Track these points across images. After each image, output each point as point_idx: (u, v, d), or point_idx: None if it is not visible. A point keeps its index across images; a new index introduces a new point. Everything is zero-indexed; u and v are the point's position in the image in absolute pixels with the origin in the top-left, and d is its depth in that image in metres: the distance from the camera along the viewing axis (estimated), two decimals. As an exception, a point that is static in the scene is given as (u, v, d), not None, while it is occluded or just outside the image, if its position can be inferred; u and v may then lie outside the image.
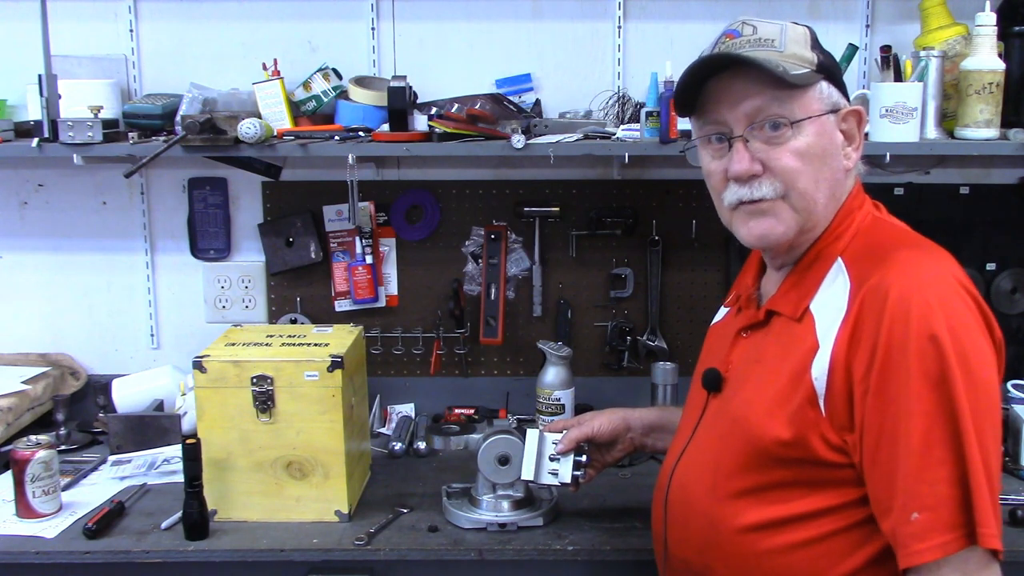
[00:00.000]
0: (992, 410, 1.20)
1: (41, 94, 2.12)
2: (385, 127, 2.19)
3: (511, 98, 2.33)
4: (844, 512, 1.27)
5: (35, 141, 2.11)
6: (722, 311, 1.61)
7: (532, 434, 1.82)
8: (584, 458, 1.77)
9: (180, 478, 1.84)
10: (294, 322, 2.48)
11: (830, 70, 1.35)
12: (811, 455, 1.27)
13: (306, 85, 2.29)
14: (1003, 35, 2.11)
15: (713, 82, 1.32)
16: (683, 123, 2.08)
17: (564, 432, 1.79)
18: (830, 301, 1.29)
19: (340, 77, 2.33)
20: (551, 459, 1.79)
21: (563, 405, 2.14)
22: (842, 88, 1.36)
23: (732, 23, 1.35)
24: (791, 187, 1.32)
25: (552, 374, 2.17)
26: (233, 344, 1.96)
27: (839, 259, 1.32)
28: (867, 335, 1.21)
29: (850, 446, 1.24)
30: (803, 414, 1.26)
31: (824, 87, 1.33)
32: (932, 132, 2.12)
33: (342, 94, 2.30)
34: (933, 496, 1.15)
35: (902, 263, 1.24)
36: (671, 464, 1.49)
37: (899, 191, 2.38)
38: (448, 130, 2.10)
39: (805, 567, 1.29)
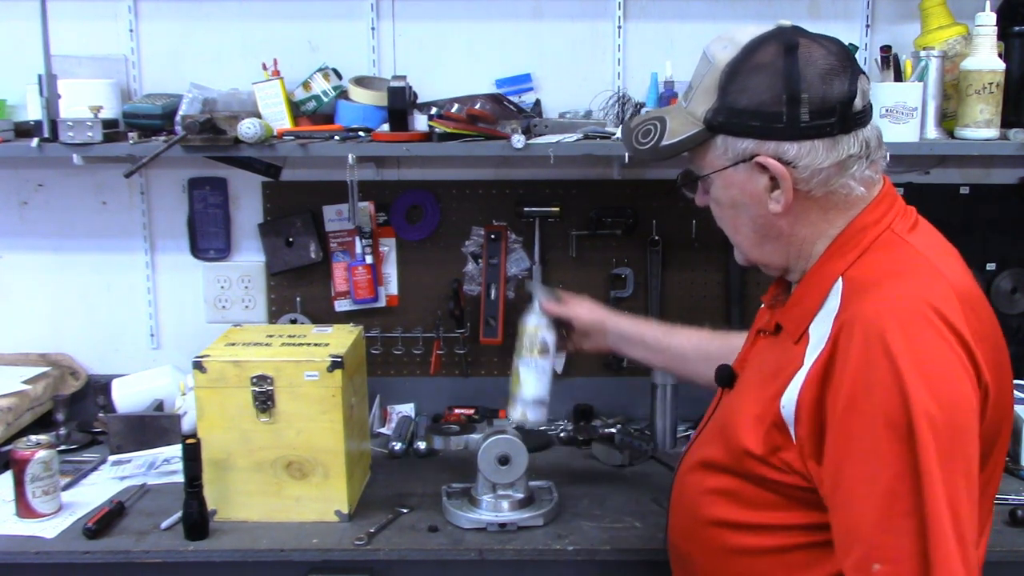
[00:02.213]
0: (964, 457, 1.14)
1: (41, 94, 2.12)
2: (385, 127, 2.19)
3: (511, 98, 2.33)
4: (811, 531, 1.26)
5: (35, 141, 2.11)
6: None
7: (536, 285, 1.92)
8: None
9: (180, 478, 1.84)
10: (294, 322, 2.48)
11: (729, 122, 1.28)
12: (779, 477, 1.27)
13: (306, 85, 2.29)
14: (1003, 35, 2.11)
15: None
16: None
17: (555, 296, 1.90)
18: (821, 326, 1.26)
19: (340, 77, 2.32)
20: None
21: (547, 347, 1.92)
22: (766, 132, 1.26)
23: (711, 42, 1.34)
24: (721, 227, 1.43)
25: (538, 315, 1.94)
26: (233, 344, 1.96)
27: (840, 278, 1.27)
28: (837, 370, 1.18)
29: (816, 478, 1.22)
30: (772, 436, 1.26)
31: (720, 142, 1.30)
32: (932, 132, 2.12)
33: (342, 94, 2.30)
34: (896, 549, 1.12)
35: (881, 295, 1.20)
36: (686, 449, 1.52)
37: (899, 191, 2.36)
38: (448, 130, 2.10)
39: (767, 571, 1.31)
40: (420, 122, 2.19)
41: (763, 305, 1.58)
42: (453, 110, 2.16)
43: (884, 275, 1.24)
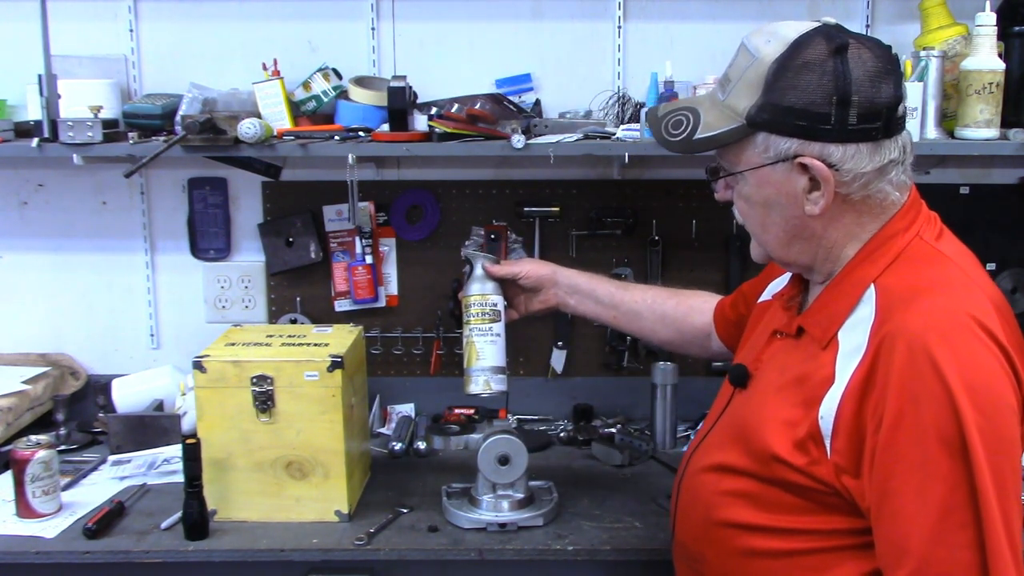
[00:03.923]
0: (1013, 468, 1.14)
1: (41, 94, 2.12)
2: (385, 127, 2.19)
3: (511, 98, 2.32)
4: (833, 536, 1.27)
5: (35, 141, 2.11)
6: (773, 288, 1.56)
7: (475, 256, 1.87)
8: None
9: (180, 478, 1.84)
10: (294, 322, 2.48)
11: (774, 120, 1.25)
12: (809, 483, 1.26)
13: (306, 85, 2.29)
14: (1003, 35, 2.10)
15: None
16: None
17: (495, 259, 1.87)
18: (854, 333, 1.25)
19: (340, 77, 2.32)
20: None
21: (499, 312, 1.85)
22: (812, 133, 1.24)
23: (750, 35, 1.31)
24: (746, 224, 1.39)
25: (484, 280, 1.86)
26: (233, 344, 1.96)
27: (872, 286, 1.26)
28: (879, 384, 1.17)
29: (854, 492, 1.22)
30: (807, 447, 1.25)
31: (761, 139, 1.27)
32: (932, 132, 2.12)
33: (342, 94, 2.30)
34: (952, 561, 1.13)
35: (922, 308, 1.19)
36: (692, 449, 1.50)
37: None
38: (448, 130, 2.10)
39: (783, 574, 1.31)
40: (420, 122, 2.19)
41: (763, 300, 1.57)
42: (453, 110, 2.16)
43: (922, 286, 1.22)
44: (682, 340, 1.86)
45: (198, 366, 1.85)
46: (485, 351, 1.82)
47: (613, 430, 2.32)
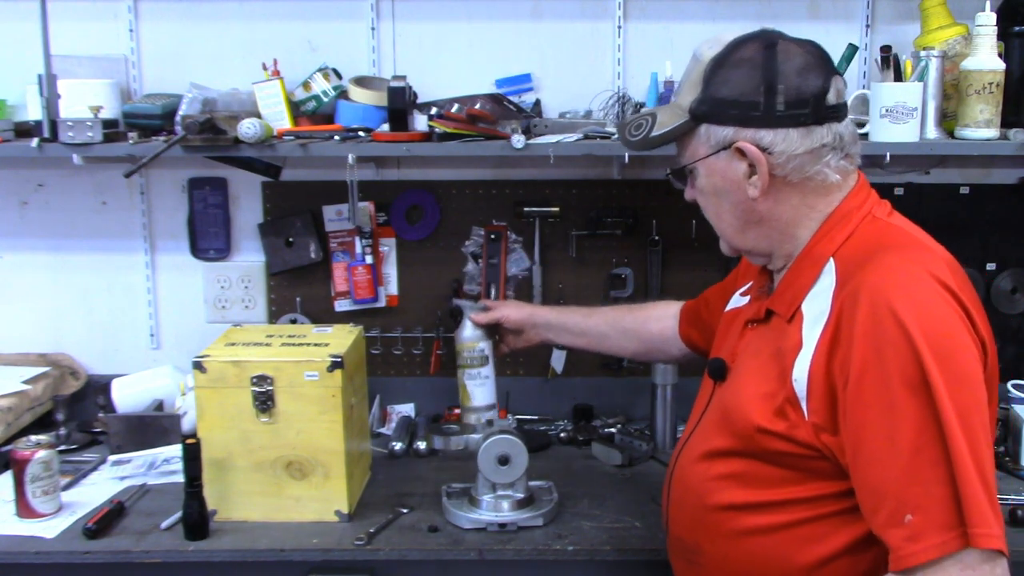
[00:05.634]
0: (977, 405, 1.20)
1: (41, 94, 2.12)
2: (385, 127, 2.19)
3: (511, 98, 2.33)
4: (823, 502, 1.32)
5: (35, 141, 2.11)
6: (738, 299, 1.63)
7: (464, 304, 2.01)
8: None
9: (180, 478, 1.84)
10: (294, 322, 2.48)
11: (712, 111, 1.36)
12: (793, 449, 1.31)
13: (306, 85, 2.29)
14: (1003, 35, 2.10)
15: None
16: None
17: (481, 306, 2.01)
18: (817, 301, 1.32)
19: (340, 77, 2.33)
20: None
21: (487, 357, 1.98)
22: (744, 120, 1.34)
23: (699, 44, 1.42)
24: (706, 216, 1.49)
25: (471, 328, 1.99)
26: (233, 344, 1.96)
27: (831, 259, 1.35)
28: (844, 340, 1.24)
29: (834, 448, 1.27)
30: (785, 412, 1.31)
31: (703, 130, 1.38)
32: (932, 132, 2.12)
33: (342, 94, 2.30)
34: (926, 497, 1.17)
35: (880, 265, 1.26)
36: (680, 446, 1.55)
37: (899, 191, 2.38)
38: (448, 130, 2.10)
39: (780, 549, 1.35)
40: (420, 122, 2.19)
41: (748, 298, 1.60)
42: (453, 110, 2.16)
43: (878, 249, 1.30)
44: (646, 348, 1.97)
45: (198, 366, 1.85)
46: (476, 393, 1.96)
47: (613, 430, 2.32)
